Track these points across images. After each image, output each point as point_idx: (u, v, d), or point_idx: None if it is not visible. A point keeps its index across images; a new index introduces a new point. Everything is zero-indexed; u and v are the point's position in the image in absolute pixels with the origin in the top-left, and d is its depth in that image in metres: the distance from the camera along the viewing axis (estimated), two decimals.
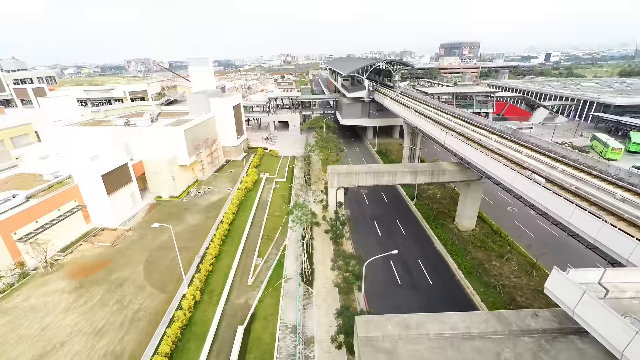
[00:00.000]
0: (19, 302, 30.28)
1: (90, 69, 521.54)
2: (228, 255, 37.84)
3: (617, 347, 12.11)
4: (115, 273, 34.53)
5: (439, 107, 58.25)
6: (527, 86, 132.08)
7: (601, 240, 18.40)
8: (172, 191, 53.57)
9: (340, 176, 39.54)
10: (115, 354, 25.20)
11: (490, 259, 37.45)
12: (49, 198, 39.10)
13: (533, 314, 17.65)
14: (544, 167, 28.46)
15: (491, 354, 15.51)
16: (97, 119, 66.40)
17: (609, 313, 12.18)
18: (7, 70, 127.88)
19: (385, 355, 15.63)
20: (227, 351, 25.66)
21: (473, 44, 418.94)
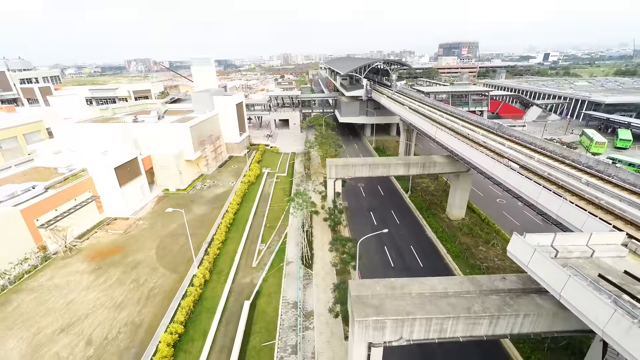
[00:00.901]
0: (43, 282, 33.11)
1: (91, 69, 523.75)
2: (233, 241, 40.70)
3: (557, 289, 14.98)
4: (130, 257, 37.36)
5: (433, 104, 61.11)
6: (522, 85, 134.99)
7: (561, 215, 21.27)
8: (179, 184, 56.42)
9: (338, 168, 42.39)
10: (135, 323, 28.04)
11: (477, 245, 40.31)
12: (66, 189, 41.91)
13: (501, 277, 20.56)
14: (522, 157, 31.30)
15: (463, 308, 18.37)
16: (105, 117, 69.15)
17: (551, 264, 15.04)
18: (14, 70, 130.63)
19: (373, 309, 18.48)
20: (235, 321, 28.50)
21: (472, 44, 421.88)
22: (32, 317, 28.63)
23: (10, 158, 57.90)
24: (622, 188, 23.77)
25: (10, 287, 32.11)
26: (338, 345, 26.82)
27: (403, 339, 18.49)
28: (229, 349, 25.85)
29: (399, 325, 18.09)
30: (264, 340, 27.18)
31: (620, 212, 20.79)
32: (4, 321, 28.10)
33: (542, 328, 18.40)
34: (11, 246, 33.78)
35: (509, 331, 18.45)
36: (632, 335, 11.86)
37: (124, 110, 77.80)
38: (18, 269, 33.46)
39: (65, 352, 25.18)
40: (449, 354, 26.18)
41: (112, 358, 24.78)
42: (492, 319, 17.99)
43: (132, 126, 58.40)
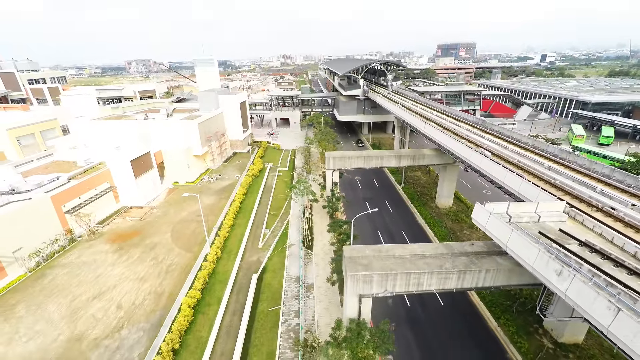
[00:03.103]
0: (73, 259, 37.11)
1: (91, 69, 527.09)
2: (240, 226, 44.74)
3: (504, 241, 19.08)
4: (148, 239, 41.36)
5: (425, 103, 65.25)
6: (515, 85, 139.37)
7: (521, 192, 25.39)
8: (188, 177, 60.45)
9: (335, 160, 46.46)
10: (157, 292, 32.05)
11: (463, 229, 44.42)
12: (87, 179, 45.90)
13: (470, 243, 24.72)
14: (498, 147, 35.43)
15: (436, 265, 22.45)
16: (116, 114, 73.11)
17: (500, 223, 19.13)
18: (22, 70, 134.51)
19: (363, 267, 22.57)
20: (245, 291, 32.52)
21: (469, 45, 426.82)
22: (66, 287, 32.61)
23: (28, 153, 61.82)
24: (575, 170, 27.94)
25: (44, 264, 36.12)
26: (335, 311, 30.80)
27: (387, 291, 22.56)
28: (241, 312, 29.86)
29: (384, 279, 22.14)
30: (271, 307, 31.19)
31: (570, 189, 24.88)
32: (43, 290, 32.10)
33: (501, 282, 22.48)
34: (43, 228, 37.76)
35: (474, 284, 22.52)
36: (550, 265, 15.94)
37: (134, 108, 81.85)
38: (50, 248, 37.42)
39: (100, 314, 29.19)
40: (434, 320, 30.20)
41: (141, 318, 28.78)
42: (460, 274, 22.05)
43: (143, 123, 62.42)
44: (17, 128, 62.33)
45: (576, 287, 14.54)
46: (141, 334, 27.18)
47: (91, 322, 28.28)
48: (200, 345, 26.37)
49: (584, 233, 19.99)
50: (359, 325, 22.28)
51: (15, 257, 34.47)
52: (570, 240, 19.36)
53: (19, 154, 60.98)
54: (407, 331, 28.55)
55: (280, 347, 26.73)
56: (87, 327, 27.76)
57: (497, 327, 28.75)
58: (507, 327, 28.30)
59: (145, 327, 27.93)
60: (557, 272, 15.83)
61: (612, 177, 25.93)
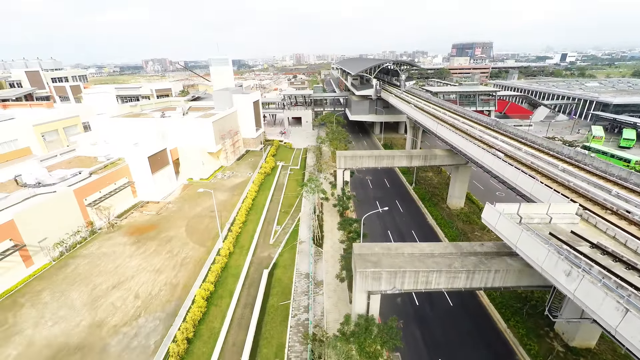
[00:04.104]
0: (93, 250, 38.83)
1: (110, 68, 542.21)
2: (252, 222, 45.72)
3: (513, 242, 19.15)
4: (163, 233, 42.79)
5: (438, 103, 64.83)
6: (532, 86, 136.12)
7: (533, 193, 25.25)
8: (202, 174, 61.98)
9: (346, 159, 46.85)
10: (173, 284, 33.26)
11: (474, 230, 44.13)
12: (107, 174, 47.78)
13: (480, 244, 24.79)
14: (511, 149, 35.13)
15: (445, 264, 22.66)
16: (134, 112, 75.49)
17: (510, 223, 19.21)
18: (46, 69, 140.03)
19: (372, 264, 22.99)
20: (256, 286, 33.38)
21: (485, 44, 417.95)
22: (87, 276, 34.22)
23: (52, 149, 64.65)
24: (591, 173, 27.54)
25: (67, 254, 37.93)
26: (344, 307, 31.27)
27: (396, 288, 22.92)
28: (252, 305, 30.71)
29: (393, 276, 22.51)
30: (281, 301, 31.92)
31: (584, 191, 24.60)
32: (66, 279, 33.78)
33: (510, 283, 22.50)
34: (67, 220, 39.64)
35: (483, 284, 22.61)
36: (559, 266, 16.00)
37: (151, 106, 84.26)
38: (72, 239, 39.26)
39: (119, 302, 30.56)
40: (442, 320, 30.32)
41: (157, 308, 29.99)
42: (469, 273, 22.20)
43: (160, 121, 64.33)
44: (42, 124, 65.17)
45: (585, 288, 14.59)
46: (157, 323, 28.35)
47: (111, 310, 29.66)
48: (213, 336, 27.33)
49: (596, 235, 19.84)
50: (367, 321, 22.71)
51: (40, 246, 36.38)
52: (582, 242, 19.26)
53: (43, 149, 63.77)
54: (415, 329, 28.77)
55: (290, 340, 27.41)
56: (107, 315, 29.14)
57: (506, 328, 28.63)
58: (517, 329, 28.14)
59: (161, 316, 29.10)
60: (566, 273, 15.87)
61: (630, 180, 25.48)
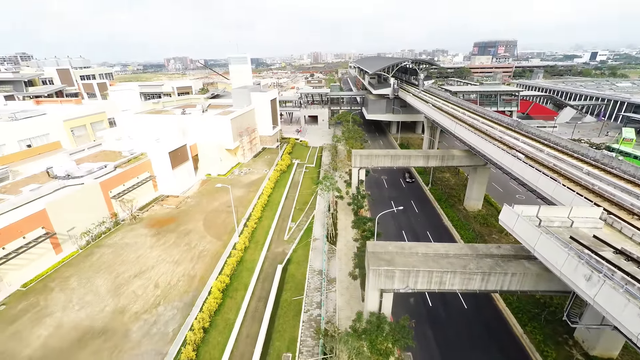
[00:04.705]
0: (117, 240, 40.66)
1: (134, 66, 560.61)
2: (267, 218, 46.52)
3: (531, 244, 18.74)
4: (182, 226, 44.23)
5: (457, 103, 63.54)
6: (558, 86, 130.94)
7: (555, 196, 24.52)
8: (219, 170, 63.49)
9: (362, 158, 46.82)
10: (190, 275, 34.43)
11: (491, 233, 43.18)
12: (130, 168, 49.77)
13: (497, 246, 24.36)
14: (532, 150, 34.13)
15: (460, 265, 22.43)
16: (157, 109, 78.09)
17: (528, 225, 18.81)
18: (75, 67, 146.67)
19: (385, 262, 23.05)
20: (270, 280, 34.04)
21: (509, 42, 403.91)
22: (111, 265, 35.92)
23: (80, 143, 67.81)
24: (618, 177, 26.44)
25: (93, 243, 39.93)
26: (356, 305, 31.42)
27: (409, 287, 22.89)
28: (266, 299, 31.37)
29: (406, 275, 22.49)
30: (294, 296, 32.43)
31: (610, 195, 23.69)
32: (92, 266, 35.61)
33: (527, 287, 22.03)
34: (93, 211, 41.68)
35: (499, 287, 22.25)
36: (579, 270, 15.59)
37: (172, 104, 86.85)
38: (97, 229, 41.25)
39: (140, 291, 31.95)
40: (456, 322, 30.00)
41: (175, 297, 31.16)
42: (484, 275, 21.90)
43: (180, 118, 66.29)
44: (72, 120, 68.49)
45: (606, 293, 14.18)
46: (175, 312, 29.47)
47: (132, 298, 31.06)
48: (228, 326, 28.15)
49: (620, 241, 19.13)
50: (379, 319, 22.81)
51: (69, 235, 38.45)
52: (605, 247, 18.63)
53: (72, 144, 67.03)
54: (427, 330, 28.61)
55: (302, 335, 27.85)
56: (128, 302, 30.54)
57: (522, 334, 28.00)
58: (534, 334, 27.47)
59: (179, 305, 30.22)
60: (586, 277, 15.44)
61: None
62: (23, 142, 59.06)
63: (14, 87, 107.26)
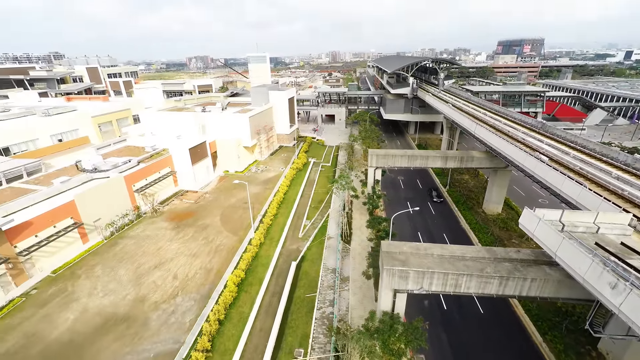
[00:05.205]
0: (139, 232, 42.32)
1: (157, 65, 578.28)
2: (283, 215, 47.05)
3: (553, 250, 18.12)
4: (200, 221, 45.46)
5: (478, 103, 61.92)
6: (588, 86, 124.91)
7: (580, 201, 23.55)
8: (237, 167, 64.74)
9: (378, 157, 46.51)
10: (207, 268, 35.39)
11: (511, 238, 41.92)
12: (152, 163, 51.56)
13: (516, 250, 23.73)
14: (557, 153, 32.85)
15: (476, 268, 21.98)
16: (178, 106, 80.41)
17: (550, 229, 18.19)
18: (103, 66, 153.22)
19: (399, 262, 22.90)
20: (284, 276, 34.47)
21: (536, 41, 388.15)
22: (133, 256, 37.45)
23: (106, 138, 70.86)
24: None
25: (117, 234, 41.74)
26: (369, 304, 31.35)
27: (423, 289, 22.64)
28: (279, 294, 31.81)
29: (420, 277, 22.26)
30: (307, 293, 32.71)
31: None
32: (115, 256, 37.25)
33: (548, 293, 21.30)
34: (117, 203, 43.55)
35: (517, 292, 21.62)
36: (603, 277, 14.96)
37: (193, 101, 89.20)
38: (121, 221, 43.08)
39: (159, 281, 33.17)
40: (472, 327, 29.41)
41: (192, 289, 32.15)
42: (502, 279, 21.34)
43: (201, 115, 67.98)
44: (99, 116, 71.67)
45: (632, 303, 13.55)
46: (192, 303, 30.40)
47: (152, 288, 32.28)
48: (242, 320, 28.78)
49: None
50: (392, 319, 22.70)
51: (95, 226, 40.36)
52: (634, 255, 17.75)
53: (99, 139, 70.14)
54: (441, 333, 28.19)
55: (314, 331, 28.09)
56: (148, 291, 31.77)
57: (542, 342, 27.10)
58: (554, 344, 26.55)
59: (196, 297, 31.16)
60: (611, 285, 14.79)
61: None
62: (55, 136, 62.30)
63: (47, 84, 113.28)
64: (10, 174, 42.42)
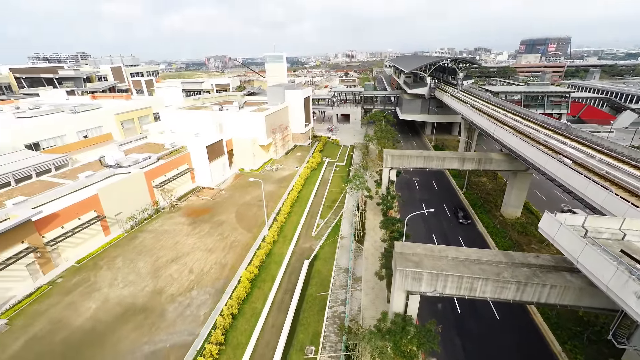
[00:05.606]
0: (157, 227, 43.67)
1: (177, 65, 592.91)
2: (296, 214, 47.39)
3: (575, 256, 17.48)
4: (216, 217, 46.42)
5: (499, 104, 60.23)
6: (617, 87, 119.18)
7: (605, 206, 22.57)
8: (252, 165, 65.64)
9: (394, 158, 46.07)
10: (222, 263, 36.13)
11: (530, 243, 40.63)
12: (171, 160, 53.03)
13: (535, 255, 23.02)
14: (581, 156, 31.59)
15: (493, 272, 21.51)
16: (197, 105, 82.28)
17: (572, 235, 17.56)
18: (127, 65, 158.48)
19: (413, 264, 22.68)
20: (297, 274, 34.74)
21: (561, 39, 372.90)
22: (151, 249, 38.69)
23: (128, 135, 73.32)
24: None
25: (136, 228, 43.23)
26: (381, 305, 31.17)
27: (437, 291, 22.34)
28: (292, 292, 32.11)
29: (434, 279, 21.97)
30: (319, 292, 32.85)
31: None
32: (135, 249, 38.61)
33: (568, 301, 20.58)
34: (137, 198, 45.09)
35: (536, 299, 21.00)
36: (629, 286, 14.32)
37: (211, 100, 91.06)
38: (141, 215, 44.57)
39: (176, 274, 34.14)
40: (486, 333, 28.78)
41: (208, 283, 32.92)
42: (520, 285, 20.79)
43: (218, 113, 69.32)
44: (122, 114, 74.16)
45: None
46: (207, 297, 31.14)
47: (169, 281, 33.27)
48: (255, 315, 29.24)
49: None
50: (404, 320, 22.52)
51: (116, 219, 41.95)
52: None
53: (121, 136, 72.66)
54: (455, 337, 27.71)
55: (326, 330, 28.19)
56: (165, 284, 32.76)
57: (561, 352, 26.18)
58: (575, 354, 25.59)
59: (211, 291, 31.89)
60: (637, 295, 14.14)
61: None
62: (80, 133, 64.94)
63: (74, 83, 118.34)
64: (40, 168, 44.69)
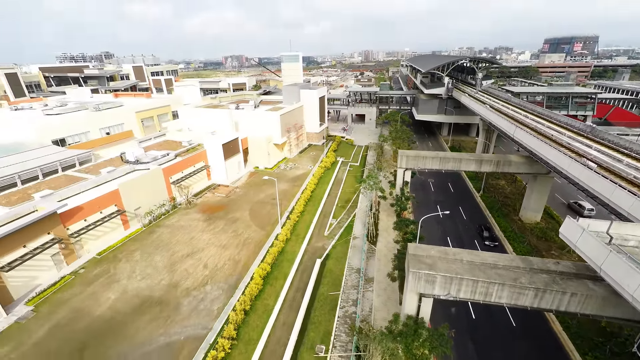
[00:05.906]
0: (174, 222, 44.82)
1: (196, 64, 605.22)
2: (309, 213, 47.56)
3: (598, 263, 16.78)
4: (230, 214, 47.19)
5: (519, 105, 58.41)
6: None
7: (633, 212, 21.55)
8: (267, 164, 66.32)
9: (409, 158, 45.51)
10: (235, 260, 36.72)
11: (550, 249, 39.28)
12: (189, 157, 54.27)
13: (555, 262, 22.27)
14: (608, 159, 30.25)
15: (510, 278, 20.93)
16: (214, 104, 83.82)
17: (595, 241, 16.86)
18: (147, 65, 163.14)
19: (426, 266, 22.35)
20: (309, 273, 34.90)
21: (588, 38, 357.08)
22: (168, 244, 39.75)
23: (148, 133, 75.50)
24: None
25: (154, 223, 44.51)
26: (393, 307, 30.89)
27: (450, 295, 21.94)
28: (303, 290, 32.28)
29: (448, 282, 21.59)
30: (331, 291, 32.87)
31: None
32: (152, 243, 39.77)
33: (590, 310, 19.78)
34: (155, 194, 46.42)
35: (555, 307, 20.29)
36: None
37: (228, 99, 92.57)
38: (158, 210, 45.85)
39: (191, 269, 34.96)
40: (501, 339, 28.08)
41: (221, 279, 33.54)
42: (538, 291, 20.14)
43: (234, 112, 70.39)
44: (142, 112, 76.42)
45: None
46: (220, 292, 31.73)
47: (184, 275, 34.10)
48: (267, 312, 29.58)
49: None
50: (416, 323, 22.24)
51: (135, 214, 43.33)
52: None
53: (141, 133, 74.90)
54: (468, 342, 27.16)
55: (336, 329, 28.19)
56: (181, 278, 33.60)
57: None
58: None
59: (224, 287, 32.47)
60: None
61: None
62: (103, 129, 67.37)
63: (98, 82, 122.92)
64: (66, 163, 46.70)
